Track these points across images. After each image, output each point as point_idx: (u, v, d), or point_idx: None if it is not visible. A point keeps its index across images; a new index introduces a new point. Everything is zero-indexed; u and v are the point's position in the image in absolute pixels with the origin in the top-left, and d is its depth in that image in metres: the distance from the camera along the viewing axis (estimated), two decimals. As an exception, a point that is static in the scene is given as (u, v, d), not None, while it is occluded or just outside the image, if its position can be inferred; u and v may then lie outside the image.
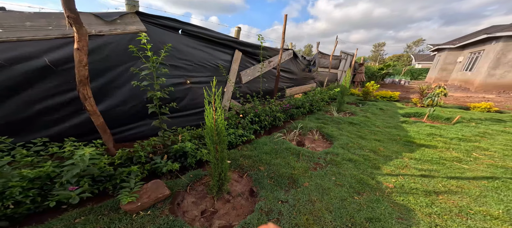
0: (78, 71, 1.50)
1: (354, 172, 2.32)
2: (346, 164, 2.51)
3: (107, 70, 2.11)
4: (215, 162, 1.74)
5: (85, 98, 1.58)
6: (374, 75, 15.11)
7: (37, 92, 1.69)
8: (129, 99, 2.33)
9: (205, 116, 1.52)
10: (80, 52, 1.48)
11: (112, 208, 1.54)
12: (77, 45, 1.46)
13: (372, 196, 1.92)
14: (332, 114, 5.11)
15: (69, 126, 1.96)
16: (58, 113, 1.86)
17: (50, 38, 1.71)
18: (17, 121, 1.64)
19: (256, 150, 2.78)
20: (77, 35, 1.44)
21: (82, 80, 1.53)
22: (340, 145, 3.07)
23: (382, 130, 3.95)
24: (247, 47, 3.82)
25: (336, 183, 2.13)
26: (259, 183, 2.13)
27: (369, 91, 7.04)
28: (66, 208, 1.51)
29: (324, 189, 2.02)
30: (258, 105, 3.69)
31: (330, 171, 2.34)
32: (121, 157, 1.88)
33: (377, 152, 2.92)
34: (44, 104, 1.75)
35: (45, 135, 1.78)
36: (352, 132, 3.72)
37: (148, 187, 1.69)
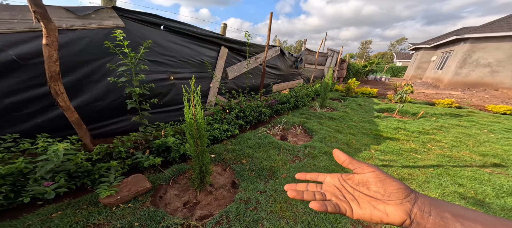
0: (48, 67, 1.47)
1: (328, 164, 2.53)
2: (321, 156, 2.71)
3: (82, 65, 2.05)
4: (196, 156, 1.81)
5: (57, 94, 1.56)
6: (358, 72, 15.81)
7: (4, 87, 1.62)
8: (108, 94, 2.29)
9: (184, 112, 1.58)
10: (50, 48, 1.45)
11: (91, 202, 1.56)
12: (45, 41, 1.43)
13: None
14: (315, 109, 5.35)
15: (41, 121, 1.89)
16: (28, 108, 1.79)
17: (16, 31, 1.63)
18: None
19: (240, 144, 2.88)
20: (45, 31, 1.40)
21: (53, 76, 1.50)
22: (319, 139, 3.28)
23: (357, 124, 4.25)
24: (234, 44, 3.85)
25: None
26: (241, 175, 2.24)
27: (350, 88, 7.42)
28: (42, 204, 1.51)
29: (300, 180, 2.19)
30: (243, 101, 3.77)
31: (307, 163, 2.52)
32: (99, 152, 1.87)
33: (350, 145, 3.17)
34: (12, 99, 1.68)
35: (15, 131, 1.72)
36: (331, 127, 3.96)
37: (128, 181, 1.72)
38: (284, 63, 6.40)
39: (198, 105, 1.60)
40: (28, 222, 1.30)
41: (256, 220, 1.59)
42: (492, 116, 5.55)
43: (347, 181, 0.42)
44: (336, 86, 8.94)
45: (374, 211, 0.36)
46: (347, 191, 0.41)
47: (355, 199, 0.39)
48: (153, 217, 1.53)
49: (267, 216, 1.64)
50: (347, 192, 0.41)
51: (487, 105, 6.39)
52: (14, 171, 1.31)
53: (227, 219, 1.60)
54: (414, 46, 18.08)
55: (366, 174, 0.38)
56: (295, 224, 1.57)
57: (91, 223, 1.37)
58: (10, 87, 1.65)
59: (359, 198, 0.38)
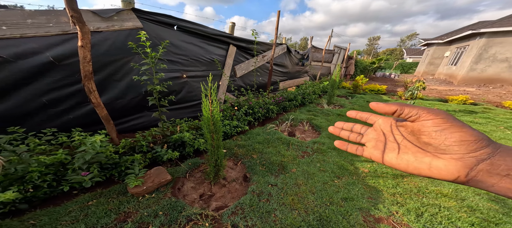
0: (82, 67, 1.61)
1: (337, 159, 2.60)
2: (330, 152, 2.78)
3: (106, 65, 2.20)
4: (212, 150, 1.93)
5: (90, 91, 1.71)
6: (366, 69, 15.48)
7: (41, 86, 1.79)
8: (128, 92, 2.45)
9: (202, 108, 1.69)
10: (84, 49, 1.59)
11: (120, 192, 1.72)
12: (81, 43, 1.57)
13: (350, 180, 2.21)
14: (322, 106, 5.38)
15: (73, 117, 2.07)
16: (61, 105, 1.97)
17: (51, 34, 1.78)
18: (24, 113, 1.75)
19: (249, 140, 3.00)
20: (81, 33, 1.54)
21: (87, 75, 1.65)
22: (327, 135, 3.34)
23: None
24: (241, 42, 3.93)
25: (320, 169, 2.40)
26: (252, 169, 2.36)
27: (358, 85, 7.35)
28: (77, 193, 1.68)
29: (309, 174, 2.28)
30: (252, 98, 3.88)
31: (315, 159, 2.61)
32: (124, 146, 2.04)
33: None
34: (49, 97, 1.85)
35: (52, 126, 1.90)
36: None
37: (151, 173, 1.87)
38: (290, 61, 6.43)
39: (215, 101, 1.71)
40: (69, 208, 1.47)
41: (269, 211, 1.71)
42: (509, 113, 5.37)
43: (399, 128, 0.36)
44: (343, 84, 8.86)
45: (415, 163, 0.33)
46: (394, 139, 0.36)
47: (399, 148, 0.35)
48: (174, 207, 1.67)
49: (280, 208, 1.75)
50: (394, 140, 0.36)
51: (504, 102, 6.16)
52: (56, 161, 1.48)
53: (242, 210, 1.72)
54: (426, 41, 17.44)
55: (424, 122, 0.31)
56: (307, 215, 1.67)
57: (122, 211, 1.52)
58: (47, 86, 1.82)
59: (403, 148, 0.35)
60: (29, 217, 1.33)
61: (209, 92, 1.67)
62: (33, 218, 1.33)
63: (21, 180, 1.35)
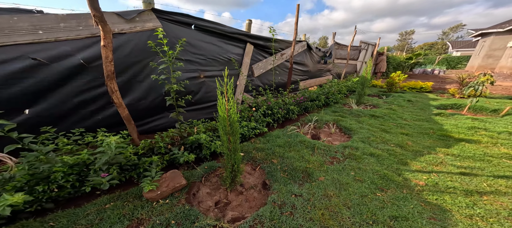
0: (105, 66, 1.63)
1: (377, 167, 2.17)
2: (367, 158, 2.35)
3: (130, 67, 2.26)
4: (228, 153, 1.76)
5: (112, 91, 1.72)
6: (400, 65, 13.79)
7: (73, 88, 1.90)
8: (150, 93, 2.48)
9: (218, 107, 1.54)
10: (106, 49, 1.60)
11: (136, 195, 1.67)
12: (103, 42, 1.58)
13: (398, 193, 1.78)
14: (350, 106, 4.83)
15: (102, 118, 2.16)
16: (91, 106, 2.07)
17: (81, 37, 1.88)
18: (59, 114, 1.87)
19: (269, 142, 2.76)
20: (103, 33, 1.55)
21: (109, 75, 1.66)
22: (360, 138, 2.89)
23: (410, 123, 3.61)
24: (259, 40, 3.76)
25: (356, 178, 2.02)
26: (272, 176, 2.12)
27: (394, 82, 6.44)
28: (100, 194, 1.70)
29: (341, 184, 1.93)
30: (271, 98, 3.65)
31: (348, 166, 2.22)
32: (144, 147, 2.02)
33: (405, 147, 2.68)
34: (80, 98, 1.96)
35: (82, 126, 2.00)
36: (374, 125, 3.46)
37: (167, 177, 1.80)
38: (311, 59, 6.01)
39: (232, 99, 1.53)
40: (87, 211, 1.46)
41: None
42: None
43: None
44: (373, 82, 7.92)
45: None
46: None
47: None
48: (187, 216, 1.54)
49: (307, 224, 1.47)
50: None
51: None
52: (79, 162, 1.50)
53: (261, 224, 1.50)
54: (479, 32, 14.66)
55: None
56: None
57: (135, 217, 1.45)
58: (78, 87, 1.93)
59: None
60: (50, 218, 1.35)
61: (225, 89, 1.51)
62: (53, 219, 1.34)
63: (47, 179, 1.39)
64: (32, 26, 1.60)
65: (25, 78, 1.64)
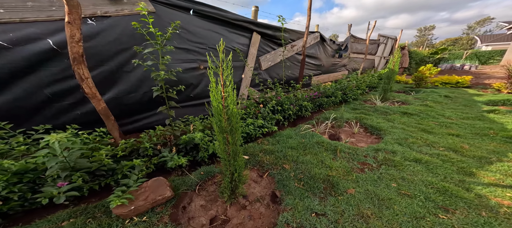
0: (70, 48, 1.30)
1: (429, 178, 1.59)
2: (411, 165, 1.78)
3: (116, 54, 1.95)
4: (226, 158, 1.33)
5: (81, 79, 1.39)
6: (423, 61, 12.62)
7: (44, 76, 1.61)
8: (141, 85, 2.15)
9: (211, 94, 1.12)
10: (72, 26, 1.27)
11: (106, 210, 1.29)
12: (68, 18, 1.26)
13: (474, 217, 1.21)
14: (373, 103, 4.19)
15: (81, 113, 1.86)
16: (68, 99, 1.77)
17: (54, 19, 1.60)
18: (26, 107, 1.58)
19: (279, 143, 2.29)
20: (67, 8, 1.24)
21: (76, 58, 1.33)
22: (394, 140, 2.30)
23: (457, 122, 2.92)
24: (267, 29, 3.35)
25: (400, 192, 1.47)
26: (284, 185, 1.65)
27: (424, 77, 5.62)
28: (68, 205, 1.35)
29: (381, 200, 1.40)
30: (281, 93, 3.19)
31: (386, 174, 1.67)
32: (125, 148, 1.66)
33: (461, 151, 2.05)
34: (52, 89, 1.66)
35: (59, 123, 1.70)
36: (410, 124, 2.83)
37: (148, 186, 1.40)
38: (324, 52, 5.47)
39: (230, 83, 1.12)
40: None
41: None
42: None
43: None
44: (397, 77, 7.10)
45: None
46: None
47: None
48: (170, 238, 1.12)
49: (338, 266, 0.97)
50: None
51: None
52: (27, 168, 1.16)
53: (270, 259, 1.02)
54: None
55: None
56: None
57: (98, 239, 1.07)
58: (51, 76, 1.63)
59: None
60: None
61: (221, 69, 1.10)
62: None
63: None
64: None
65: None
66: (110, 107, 1.99)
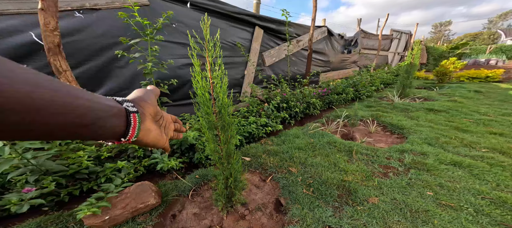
0: (44, 37, 1.17)
1: (477, 186, 1.27)
2: (449, 170, 1.45)
3: (107, 48, 1.83)
4: (218, 161, 1.12)
5: (58, 71, 1.25)
6: (442, 56, 11.79)
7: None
8: (135, 82, 2.01)
9: (194, 81, 0.92)
10: (46, 13, 1.14)
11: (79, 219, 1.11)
12: (41, 5, 1.14)
13: None
14: (390, 100, 3.81)
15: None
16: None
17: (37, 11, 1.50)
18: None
19: (284, 144, 2.04)
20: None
21: (52, 48, 1.19)
22: (422, 139, 1.96)
23: (497, 118, 2.51)
24: (270, 23, 3.15)
25: (440, 202, 1.16)
26: (290, 192, 1.41)
27: (447, 72, 5.10)
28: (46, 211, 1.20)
29: (415, 212, 1.10)
30: (286, 89, 2.94)
31: (418, 180, 1.36)
32: (111, 149, 1.50)
33: (509, 153, 1.67)
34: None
35: None
36: (438, 122, 2.46)
37: (130, 192, 1.21)
38: (332, 47, 5.15)
39: (219, 67, 0.91)
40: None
41: None
42: None
43: None
44: (415, 73, 6.57)
45: None
46: None
47: None
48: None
49: None
50: None
51: None
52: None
53: None
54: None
55: None
56: None
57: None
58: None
59: None
60: None
61: (206, 46, 0.91)
62: None
63: None
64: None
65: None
66: (102, 105, 1.88)
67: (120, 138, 0.27)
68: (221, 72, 0.94)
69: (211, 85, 0.95)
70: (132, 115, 0.27)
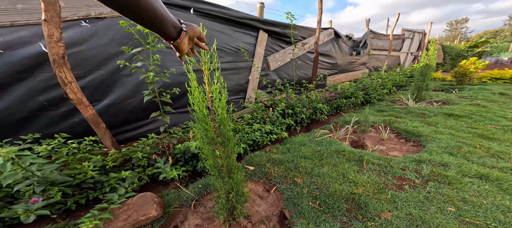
0: (50, 48, 1.20)
1: (508, 202, 1.13)
2: (474, 183, 1.32)
3: (112, 58, 1.87)
4: (218, 174, 1.07)
5: (64, 83, 1.28)
6: (460, 55, 11.08)
7: (38, 82, 1.55)
8: (139, 90, 2.04)
9: (189, 95, 0.88)
10: (49, 25, 1.17)
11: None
12: (44, 16, 1.16)
13: None
14: (404, 103, 3.60)
15: (79, 120, 1.78)
16: (64, 106, 1.70)
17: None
18: (20, 114, 1.54)
19: (290, 152, 1.96)
20: (43, 4, 1.14)
21: (57, 60, 1.22)
22: (442, 148, 1.81)
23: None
24: (274, 27, 3.10)
25: (464, 220, 1.05)
26: (295, 204, 1.35)
27: (467, 72, 4.75)
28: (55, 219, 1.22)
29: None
30: (291, 94, 2.86)
31: (437, 195, 1.25)
32: (115, 158, 1.51)
33: None
34: (47, 96, 1.60)
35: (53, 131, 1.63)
36: (460, 129, 2.27)
37: (132, 203, 1.20)
38: (340, 49, 4.99)
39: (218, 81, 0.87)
40: None
41: None
42: None
43: None
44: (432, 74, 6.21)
45: None
46: None
47: None
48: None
49: None
50: None
51: None
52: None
53: None
54: None
55: None
56: None
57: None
58: (44, 82, 1.57)
59: None
60: None
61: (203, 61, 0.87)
62: None
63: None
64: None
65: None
66: (109, 114, 1.91)
67: (170, 40, 0.50)
68: (219, 85, 0.89)
69: (209, 99, 0.91)
70: (182, 32, 0.51)
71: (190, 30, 0.53)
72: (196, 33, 0.56)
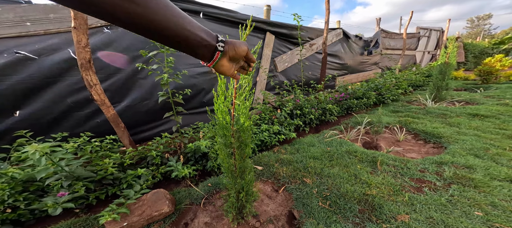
0: (78, 53, 1.32)
1: None
2: (503, 187, 1.23)
3: (131, 61, 2.00)
4: (231, 175, 1.10)
5: (90, 85, 1.39)
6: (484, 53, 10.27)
7: (66, 86, 1.71)
8: (154, 92, 2.15)
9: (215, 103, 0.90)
10: (78, 32, 1.29)
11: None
12: (74, 24, 1.28)
13: None
14: (421, 104, 3.40)
15: (101, 120, 1.92)
16: (89, 107, 1.85)
17: (76, 32, 1.71)
18: (51, 116, 1.69)
19: (298, 152, 1.94)
20: (73, 13, 1.26)
21: (84, 64, 1.34)
22: (466, 150, 1.69)
23: None
24: (281, 29, 3.12)
25: (492, 225, 0.97)
26: (304, 204, 1.33)
27: (493, 70, 4.39)
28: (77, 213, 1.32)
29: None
30: (300, 95, 2.84)
31: (462, 198, 1.16)
32: (132, 156, 1.60)
33: None
34: (73, 98, 1.75)
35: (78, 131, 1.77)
36: (486, 130, 2.10)
37: (146, 199, 1.26)
38: (350, 49, 4.87)
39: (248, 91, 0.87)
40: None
41: None
42: None
43: None
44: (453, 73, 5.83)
45: None
46: None
47: None
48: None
49: None
50: None
51: None
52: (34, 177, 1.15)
53: None
54: None
55: None
56: None
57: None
58: (72, 85, 1.73)
59: None
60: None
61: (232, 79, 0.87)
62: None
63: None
64: (18, 18, 1.50)
65: (10, 75, 1.51)
66: (127, 115, 2.04)
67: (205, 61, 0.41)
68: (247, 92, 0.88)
69: (233, 106, 0.90)
70: (217, 52, 0.40)
71: (231, 49, 0.41)
72: (241, 53, 0.43)
